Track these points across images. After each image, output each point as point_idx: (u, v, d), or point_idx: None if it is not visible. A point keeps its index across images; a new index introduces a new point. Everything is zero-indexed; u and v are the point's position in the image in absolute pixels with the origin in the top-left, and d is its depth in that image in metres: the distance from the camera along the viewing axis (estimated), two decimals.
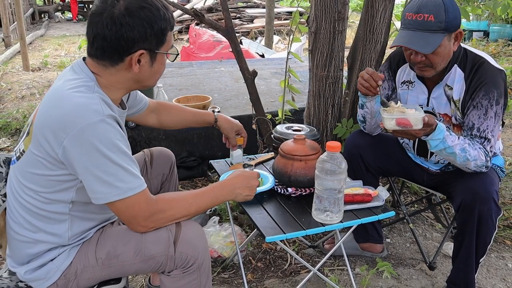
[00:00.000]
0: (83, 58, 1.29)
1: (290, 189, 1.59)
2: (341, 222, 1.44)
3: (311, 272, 1.64)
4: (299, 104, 2.83)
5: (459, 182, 1.71)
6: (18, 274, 1.29)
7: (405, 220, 2.13)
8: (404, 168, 2.00)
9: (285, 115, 2.57)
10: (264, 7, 8.71)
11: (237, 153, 1.88)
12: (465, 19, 2.09)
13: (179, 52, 1.35)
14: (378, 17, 2.26)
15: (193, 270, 1.28)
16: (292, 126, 1.84)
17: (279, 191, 1.61)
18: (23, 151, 1.24)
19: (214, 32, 6.06)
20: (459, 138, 1.62)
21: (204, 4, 10.54)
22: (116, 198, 1.17)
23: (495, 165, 1.78)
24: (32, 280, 1.27)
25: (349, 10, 2.34)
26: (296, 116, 2.76)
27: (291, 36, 2.43)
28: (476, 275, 1.76)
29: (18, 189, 1.26)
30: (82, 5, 12.62)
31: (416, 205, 2.67)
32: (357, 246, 2.16)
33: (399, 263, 2.15)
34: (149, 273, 1.84)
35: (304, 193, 1.59)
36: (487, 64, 1.65)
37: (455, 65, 1.70)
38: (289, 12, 10.65)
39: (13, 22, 8.20)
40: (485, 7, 2.52)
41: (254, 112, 2.49)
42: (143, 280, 1.97)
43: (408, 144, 1.96)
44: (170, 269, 1.28)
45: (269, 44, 7.13)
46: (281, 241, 1.48)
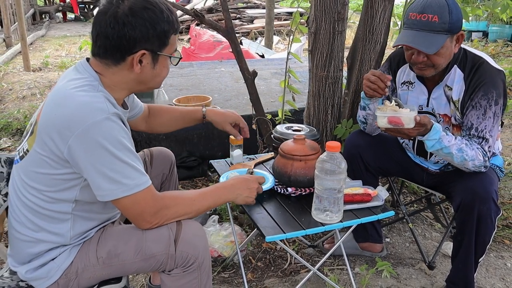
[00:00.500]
0: (87, 59, 1.30)
1: (290, 189, 1.59)
2: (341, 222, 1.45)
3: (311, 272, 1.65)
4: (299, 104, 2.83)
5: (459, 182, 1.71)
6: (19, 274, 1.29)
7: (405, 220, 2.13)
8: (404, 168, 2.01)
9: (285, 115, 2.57)
10: (264, 8, 8.69)
11: (237, 153, 1.89)
12: (465, 20, 2.09)
13: (182, 56, 1.35)
14: (378, 18, 2.27)
15: (194, 269, 1.28)
16: (292, 126, 1.84)
17: (279, 191, 1.61)
18: (27, 150, 1.25)
19: (214, 33, 6.05)
20: (456, 139, 1.62)
21: (204, 5, 10.53)
22: (123, 195, 1.17)
23: (494, 165, 1.79)
24: (33, 279, 1.27)
25: (349, 11, 2.34)
26: (296, 116, 2.76)
27: (291, 37, 2.43)
28: (475, 275, 1.77)
29: (21, 188, 1.26)
30: (83, 6, 12.61)
31: (416, 205, 2.67)
32: (357, 246, 2.17)
33: (399, 263, 2.16)
34: (150, 272, 1.84)
35: (304, 193, 1.59)
36: (486, 65, 1.65)
37: (455, 66, 1.70)
38: (289, 13, 10.63)
39: (14, 23, 8.19)
40: (485, 8, 2.52)
41: (254, 112, 2.49)
42: (144, 280, 1.98)
43: (408, 144, 1.97)
44: (171, 268, 1.28)
45: (269, 45, 7.12)
46: (281, 241, 1.48)
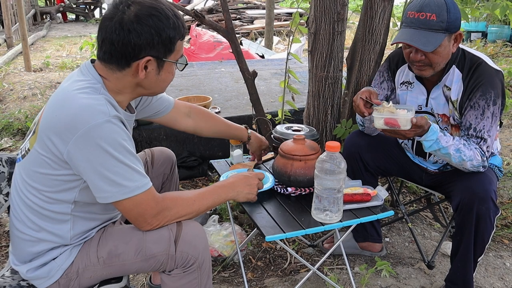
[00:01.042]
0: (92, 60, 1.30)
1: (290, 189, 1.60)
2: (341, 222, 1.45)
3: (311, 271, 1.65)
4: (299, 105, 2.84)
5: (458, 182, 1.71)
6: (20, 273, 1.30)
7: (404, 220, 2.14)
8: (403, 168, 2.01)
9: (285, 116, 2.58)
10: (264, 8, 8.70)
11: (237, 153, 1.90)
12: (464, 21, 2.10)
13: (188, 62, 1.36)
14: (377, 18, 2.27)
15: (194, 270, 1.28)
16: (292, 126, 1.84)
17: (279, 191, 1.62)
18: (28, 150, 1.25)
19: (215, 33, 6.06)
20: (454, 139, 1.63)
21: (205, 5, 10.53)
22: (125, 197, 1.18)
23: (493, 165, 1.79)
24: (34, 279, 1.28)
25: (348, 11, 2.35)
26: (296, 117, 2.77)
27: (291, 37, 2.43)
28: (474, 274, 1.77)
29: (22, 187, 1.27)
30: (84, 6, 12.65)
31: (415, 205, 2.68)
32: (356, 245, 2.17)
33: (398, 262, 2.16)
34: (150, 272, 1.85)
35: (304, 193, 1.60)
36: (485, 65, 1.66)
37: (453, 66, 1.71)
38: (289, 13, 10.63)
39: (15, 23, 8.20)
40: (484, 9, 2.52)
41: (254, 113, 2.50)
42: (144, 279, 1.98)
43: (407, 144, 1.97)
44: (171, 268, 1.28)
45: (269, 45, 7.12)
46: (281, 240, 1.48)
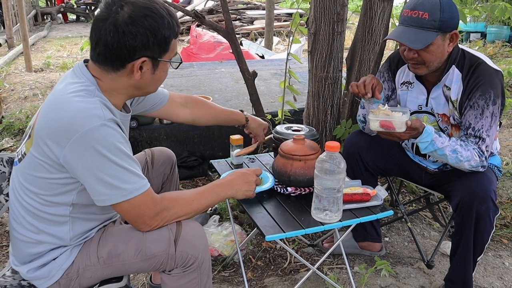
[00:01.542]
0: (85, 61, 1.29)
1: (290, 189, 1.60)
2: (340, 221, 1.45)
3: (311, 271, 1.66)
4: (299, 105, 2.84)
5: (457, 182, 1.72)
6: (21, 273, 1.29)
7: (403, 219, 2.14)
8: (403, 168, 2.02)
9: (285, 116, 2.59)
10: (264, 9, 8.71)
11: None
12: (462, 21, 2.11)
13: (182, 60, 1.35)
14: (377, 19, 2.28)
15: (194, 269, 1.29)
16: (292, 126, 1.84)
17: (279, 191, 1.62)
18: (25, 154, 1.24)
19: (215, 34, 6.07)
20: (450, 140, 1.64)
21: (205, 6, 10.55)
22: (123, 199, 1.17)
23: (493, 165, 1.80)
24: (35, 279, 1.28)
25: (348, 12, 2.36)
26: (296, 117, 2.78)
27: (291, 38, 2.44)
28: (474, 274, 1.77)
29: (20, 191, 1.26)
30: (84, 7, 12.66)
31: (414, 204, 2.69)
32: (356, 245, 2.18)
33: (397, 262, 2.17)
34: (151, 272, 1.86)
35: (304, 193, 1.60)
36: (484, 65, 1.66)
37: (453, 66, 1.71)
38: (289, 14, 10.64)
39: (16, 24, 8.22)
40: (482, 9, 2.53)
41: (254, 113, 2.51)
42: (145, 279, 1.98)
43: (407, 144, 1.98)
44: (171, 268, 1.29)
45: (269, 46, 7.13)
46: (281, 240, 1.49)
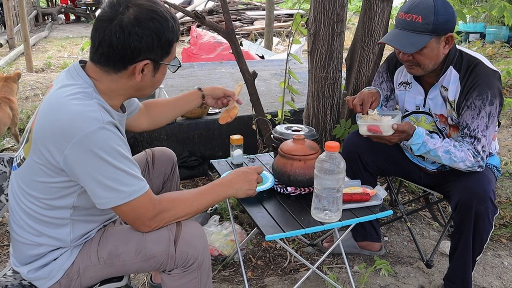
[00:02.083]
0: (80, 61, 1.28)
1: (290, 188, 1.60)
2: (340, 221, 1.46)
3: (310, 270, 1.66)
4: (299, 105, 2.85)
5: (456, 181, 1.72)
6: (21, 273, 1.30)
7: (403, 219, 2.14)
8: (402, 168, 2.03)
9: (285, 116, 2.59)
10: (264, 10, 8.72)
11: (237, 153, 1.91)
12: (462, 21, 2.12)
13: (181, 63, 1.35)
14: (376, 19, 2.29)
15: (193, 269, 1.29)
16: (292, 127, 1.85)
17: (279, 190, 1.62)
18: (24, 158, 1.24)
19: (215, 34, 6.07)
20: (443, 141, 1.65)
21: (205, 6, 10.56)
22: (122, 202, 1.17)
23: (491, 165, 1.80)
24: (35, 279, 1.28)
25: (348, 12, 2.36)
26: (296, 117, 2.78)
27: (291, 38, 2.45)
28: (473, 273, 1.78)
29: (20, 195, 1.26)
30: (85, 7, 12.66)
31: (414, 204, 2.69)
32: (356, 245, 2.18)
33: (397, 261, 2.17)
34: (151, 272, 1.86)
35: (303, 192, 1.60)
36: (482, 65, 1.67)
37: (451, 67, 1.72)
38: (289, 14, 10.66)
39: (17, 24, 8.24)
40: (481, 9, 2.54)
41: (254, 113, 2.51)
42: (145, 278, 1.99)
43: (406, 144, 1.99)
44: (171, 268, 1.29)
45: (269, 46, 7.14)
46: (281, 240, 1.50)
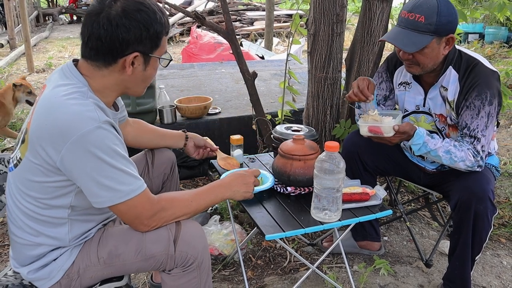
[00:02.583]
0: (73, 60, 1.28)
1: (290, 188, 1.60)
2: (339, 221, 1.46)
3: (310, 270, 1.66)
4: (298, 105, 2.86)
5: (456, 181, 1.73)
6: (22, 274, 1.30)
7: (402, 219, 2.15)
8: (401, 168, 2.03)
9: (285, 116, 2.60)
10: (264, 10, 8.74)
11: (238, 153, 1.91)
12: (463, 21, 2.12)
13: (172, 58, 1.36)
14: (376, 20, 2.29)
15: (193, 269, 1.29)
16: (291, 127, 1.85)
17: (279, 190, 1.62)
18: (20, 159, 1.24)
19: (215, 34, 6.09)
20: (444, 141, 1.65)
21: (205, 7, 10.58)
22: (119, 201, 1.18)
23: (490, 165, 1.81)
24: (35, 280, 1.28)
25: (347, 13, 2.37)
26: (295, 117, 2.79)
27: (291, 39, 2.46)
28: (472, 273, 1.78)
29: (18, 196, 1.26)
30: (86, 7, 12.69)
31: (413, 204, 2.70)
32: (355, 244, 2.19)
33: (396, 261, 2.18)
34: (151, 271, 1.87)
35: (303, 192, 1.61)
36: (481, 66, 1.68)
37: (450, 67, 1.72)
38: (288, 15, 10.67)
39: (18, 25, 8.26)
40: (482, 10, 2.54)
41: (254, 113, 2.52)
42: (145, 278, 2.00)
43: (405, 144, 1.99)
44: (171, 268, 1.29)
45: (269, 46, 7.16)
46: (281, 239, 1.50)
